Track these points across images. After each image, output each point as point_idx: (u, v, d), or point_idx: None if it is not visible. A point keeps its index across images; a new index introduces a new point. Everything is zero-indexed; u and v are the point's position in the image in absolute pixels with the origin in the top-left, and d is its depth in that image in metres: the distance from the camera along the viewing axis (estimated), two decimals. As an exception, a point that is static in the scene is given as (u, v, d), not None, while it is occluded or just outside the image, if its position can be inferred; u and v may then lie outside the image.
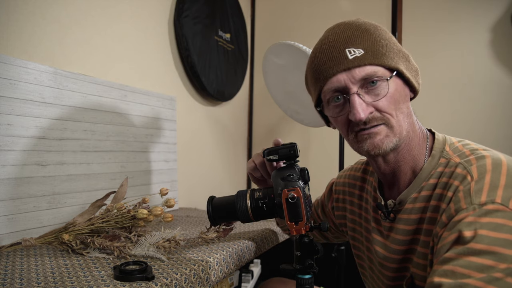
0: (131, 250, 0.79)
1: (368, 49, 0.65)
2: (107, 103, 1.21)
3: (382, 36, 0.67)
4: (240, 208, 0.77)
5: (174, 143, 1.53)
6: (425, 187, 0.67)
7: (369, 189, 0.82)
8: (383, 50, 0.65)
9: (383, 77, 0.65)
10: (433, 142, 0.70)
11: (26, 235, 0.92)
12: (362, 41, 0.66)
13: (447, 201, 0.60)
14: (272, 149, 0.77)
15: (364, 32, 0.67)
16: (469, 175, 0.59)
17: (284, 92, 1.46)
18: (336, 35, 0.68)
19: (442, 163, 0.66)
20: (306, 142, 2.17)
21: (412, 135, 0.70)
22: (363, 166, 0.88)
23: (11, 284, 0.63)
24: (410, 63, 0.69)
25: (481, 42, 1.76)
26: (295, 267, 0.69)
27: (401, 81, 0.68)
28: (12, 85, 0.93)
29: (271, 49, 1.34)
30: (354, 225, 0.86)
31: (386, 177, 0.74)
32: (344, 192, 0.91)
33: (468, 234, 0.53)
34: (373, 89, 0.65)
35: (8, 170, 0.91)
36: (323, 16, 2.13)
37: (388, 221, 0.74)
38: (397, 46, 0.69)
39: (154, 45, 1.53)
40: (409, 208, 0.69)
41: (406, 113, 0.68)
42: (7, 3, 0.97)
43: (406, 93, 0.69)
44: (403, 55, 0.69)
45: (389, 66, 0.65)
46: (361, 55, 0.65)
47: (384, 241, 0.75)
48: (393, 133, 0.66)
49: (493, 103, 1.74)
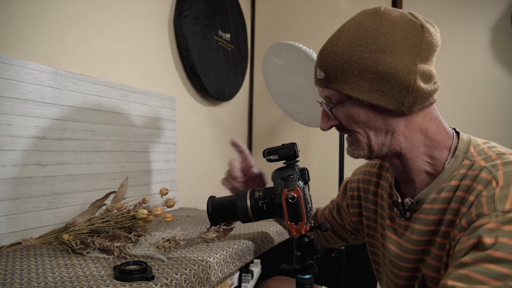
0: (131, 250, 0.79)
1: (327, 73, 0.68)
2: (107, 103, 1.21)
3: (347, 58, 0.65)
4: (240, 208, 0.77)
5: (174, 143, 1.53)
6: (445, 188, 0.66)
7: (385, 185, 0.82)
8: (340, 75, 0.66)
9: (337, 101, 0.69)
10: (458, 142, 0.69)
11: (26, 235, 0.92)
12: (324, 63, 0.68)
13: (468, 205, 0.59)
14: (272, 149, 0.77)
15: (330, 53, 0.68)
16: (495, 180, 0.58)
17: (284, 92, 1.46)
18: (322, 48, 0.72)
19: (465, 164, 0.65)
20: (306, 142, 2.17)
21: (410, 146, 0.69)
22: (379, 162, 0.87)
23: (11, 284, 0.63)
24: (389, 83, 0.64)
25: (481, 42, 1.76)
26: (295, 267, 0.69)
27: (364, 105, 0.66)
28: (12, 85, 0.93)
29: (271, 49, 1.34)
30: (369, 221, 0.86)
31: (400, 174, 0.74)
32: (358, 189, 0.90)
33: (488, 241, 0.52)
34: (336, 107, 0.70)
35: (8, 170, 0.91)
36: (323, 16, 2.13)
37: (404, 220, 0.73)
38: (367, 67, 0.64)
39: (154, 45, 1.53)
40: (427, 208, 0.68)
41: (380, 130, 0.68)
42: (7, 3, 0.97)
43: (376, 114, 0.67)
44: (376, 76, 0.64)
45: (343, 93, 0.67)
46: (322, 78, 0.69)
47: (398, 239, 0.75)
48: (361, 147, 0.70)
49: (493, 103, 1.74)
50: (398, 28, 0.65)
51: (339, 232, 0.99)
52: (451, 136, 0.70)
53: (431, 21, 0.69)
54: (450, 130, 0.72)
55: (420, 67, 0.64)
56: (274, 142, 2.26)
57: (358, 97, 0.65)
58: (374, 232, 0.84)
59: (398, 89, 0.64)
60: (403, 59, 0.63)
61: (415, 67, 0.63)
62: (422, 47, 0.64)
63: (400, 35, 0.64)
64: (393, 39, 0.64)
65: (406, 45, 0.64)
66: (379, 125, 0.68)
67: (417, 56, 0.64)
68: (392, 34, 0.64)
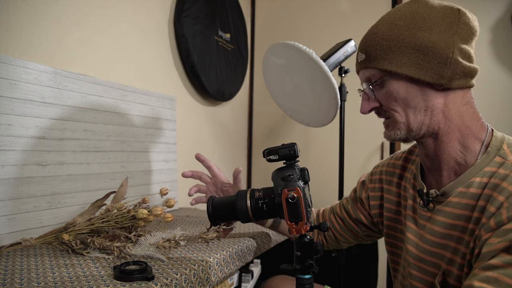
0: (131, 250, 0.79)
1: (368, 53, 0.72)
2: (107, 103, 1.21)
3: (386, 37, 0.69)
4: (240, 208, 0.77)
5: (174, 143, 1.53)
6: (474, 184, 0.66)
7: (409, 176, 0.81)
8: (380, 53, 0.70)
9: (378, 79, 0.71)
10: (491, 138, 0.69)
11: (26, 235, 0.92)
12: (365, 45, 0.72)
13: (497, 205, 0.59)
14: (272, 149, 0.77)
15: (370, 35, 0.72)
16: None
17: (284, 92, 1.46)
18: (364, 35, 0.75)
19: (497, 161, 0.65)
20: (306, 142, 2.17)
21: (447, 128, 0.69)
22: (404, 155, 0.87)
23: (11, 284, 0.63)
24: (427, 56, 0.67)
25: (481, 42, 1.76)
26: (295, 267, 0.69)
27: (404, 80, 0.69)
28: (12, 85, 0.93)
29: (271, 49, 1.34)
30: (390, 213, 0.85)
31: (429, 161, 0.74)
32: (381, 181, 0.89)
33: None
34: (375, 88, 0.73)
35: (8, 170, 0.91)
36: (323, 16, 2.13)
37: (426, 210, 0.73)
38: (406, 43, 0.68)
39: (154, 45, 1.53)
40: (453, 201, 0.68)
41: (420, 108, 0.69)
42: (7, 3, 0.97)
43: (416, 89, 0.69)
44: (414, 51, 0.67)
45: (384, 69, 0.69)
46: (363, 60, 0.73)
47: (419, 230, 0.74)
48: (398, 127, 0.71)
49: (493, 103, 1.74)
50: (436, 10, 0.69)
51: (351, 227, 0.97)
52: (485, 129, 0.70)
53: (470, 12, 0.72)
54: (485, 122, 0.72)
55: (460, 44, 0.67)
56: (274, 142, 2.26)
57: (397, 71, 0.68)
58: (396, 224, 0.84)
59: (437, 61, 0.67)
60: (440, 34, 0.67)
61: (453, 42, 0.67)
62: (459, 27, 0.68)
63: (438, 16, 0.68)
64: (430, 19, 0.68)
65: (444, 23, 0.67)
66: (418, 102, 0.69)
67: (454, 34, 0.67)
68: (430, 15, 0.68)
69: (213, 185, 1.04)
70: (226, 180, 1.04)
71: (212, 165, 1.04)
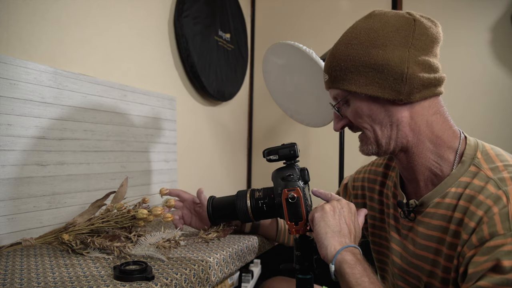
0: (131, 250, 0.79)
1: (330, 74, 0.73)
2: (107, 103, 1.21)
3: (343, 58, 0.69)
4: (240, 208, 0.77)
5: (174, 143, 1.53)
6: (449, 194, 0.65)
7: (390, 184, 0.81)
8: (340, 74, 0.70)
9: (342, 99, 0.72)
10: (465, 147, 0.68)
11: (26, 235, 0.92)
12: (327, 66, 0.74)
13: (476, 220, 0.58)
14: (272, 149, 0.77)
15: (330, 56, 0.73)
16: (505, 196, 0.57)
17: (284, 92, 1.46)
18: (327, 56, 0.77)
19: (471, 171, 0.64)
20: (306, 142, 2.17)
21: (416, 140, 0.69)
22: (385, 161, 0.87)
23: (11, 284, 0.63)
24: (383, 74, 0.66)
25: (481, 42, 1.76)
26: (295, 267, 0.69)
27: (365, 98, 0.69)
28: (12, 85, 0.93)
29: (271, 49, 1.34)
30: (374, 221, 0.85)
31: (405, 172, 0.75)
32: (363, 188, 0.89)
33: (507, 264, 0.51)
34: (344, 107, 0.74)
35: (8, 170, 0.91)
36: (323, 16, 2.13)
37: (408, 220, 0.73)
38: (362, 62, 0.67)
39: (154, 45, 1.53)
40: (431, 212, 0.68)
41: (385, 124, 0.69)
42: (7, 3, 0.97)
43: (378, 106, 0.69)
44: (370, 69, 0.67)
45: (345, 89, 0.70)
46: (327, 80, 0.75)
47: (402, 240, 0.74)
48: (369, 142, 0.72)
49: (493, 103, 1.74)
50: (390, 24, 0.68)
51: None
52: (458, 137, 0.70)
53: (430, 17, 0.71)
54: (457, 129, 0.71)
55: (416, 57, 0.66)
56: (274, 142, 2.26)
57: (356, 91, 0.68)
58: (381, 232, 0.84)
59: (393, 78, 0.66)
60: (395, 50, 0.66)
61: (408, 56, 0.65)
62: (415, 38, 0.66)
63: (392, 30, 0.67)
64: (384, 34, 0.67)
65: (398, 37, 0.66)
66: (383, 118, 0.69)
67: (410, 47, 0.66)
68: (384, 30, 0.67)
69: (186, 209, 1.01)
70: (197, 200, 1.00)
71: (179, 192, 1.01)
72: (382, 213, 0.83)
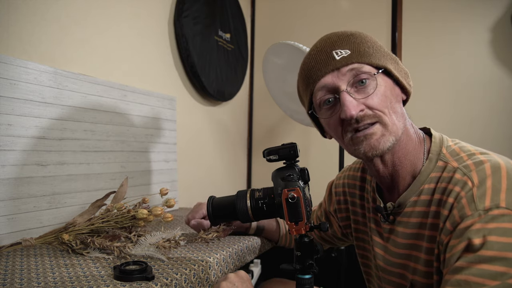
0: (131, 250, 0.79)
1: (354, 49, 0.66)
2: (107, 103, 1.21)
3: (368, 39, 0.70)
4: (240, 208, 0.77)
5: (174, 143, 1.53)
6: (424, 191, 0.67)
7: (369, 189, 0.82)
8: (370, 50, 0.67)
9: (370, 73, 0.65)
10: (430, 145, 0.70)
11: (26, 235, 0.92)
12: (349, 43, 0.67)
13: (448, 207, 0.60)
14: (272, 149, 0.76)
15: (350, 36, 0.69)
16: (470, 180, 0.59)
17: (284, 92, 1.46)
18: (323, 41, 0.71)
19: (440, 166, 0.66)
20: (306, 142, 2.17)
21: (407, 139, 0.69)
22: (361, 165, 0.87)
23: (11, 284, 0.63)
24: (399, 66, 0.71)
25: (481, 42, 1.76)
26: (295, 267, 0.69)
27: (390, 80, 0.68)
28: (12, 85, 0.93)
29: (271, 49, 1.34)
30: (358, 225, 0.86)
31: (385, 180, 0.73)
32: (344, 193, 0.90)
33: (477, 242, 0.53)
34: (363, 87, 0.65)
35: (8, 170, 0.91)
36: (323, 16, 2.13)
37: (388, 223, 0.73)
38: (384, 50, 0.71)
39: (154, 45, 1.53)
40: (408, 211, 0.69)
41: (399, 113, 0.68)
42: (7, 3, 0.97)
43: (397, 93, 0.69)
44: (391, 58, 0.70)
45: (376, 64, 0.66)
46: (348, 55, 0.66)
47: (384, 243, 0.75)
48: (388, 132, 0.65)
49: (493, 103, 1.74)
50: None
51: (327, 237, 0.98)
52: (422, 139, 0.72)
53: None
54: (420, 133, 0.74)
55: None
56: (274, 142, 2.26)
57: (391, 70, 0.68)
58: (364, 236, 0.84)
59: (404, 72, 0.71)
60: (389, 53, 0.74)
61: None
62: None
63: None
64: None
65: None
66: (399, 109, 0.69)
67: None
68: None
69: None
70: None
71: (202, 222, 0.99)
72: (365, 217, 0.84)
